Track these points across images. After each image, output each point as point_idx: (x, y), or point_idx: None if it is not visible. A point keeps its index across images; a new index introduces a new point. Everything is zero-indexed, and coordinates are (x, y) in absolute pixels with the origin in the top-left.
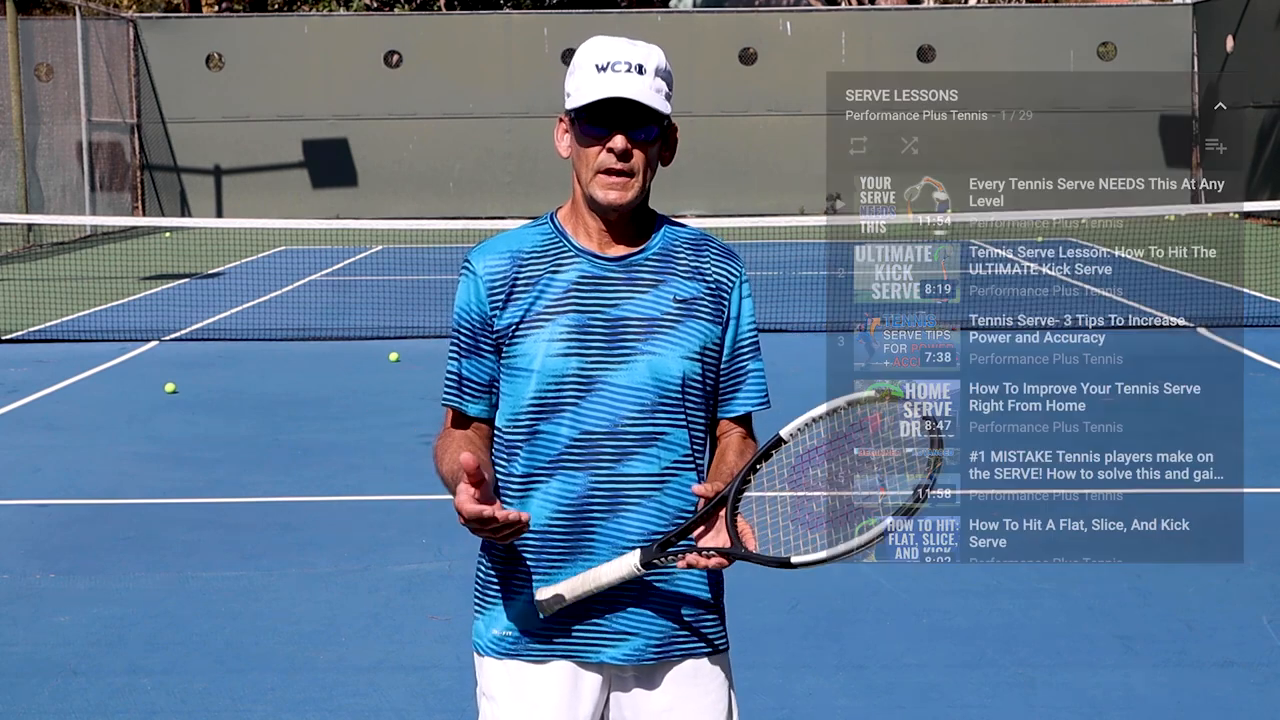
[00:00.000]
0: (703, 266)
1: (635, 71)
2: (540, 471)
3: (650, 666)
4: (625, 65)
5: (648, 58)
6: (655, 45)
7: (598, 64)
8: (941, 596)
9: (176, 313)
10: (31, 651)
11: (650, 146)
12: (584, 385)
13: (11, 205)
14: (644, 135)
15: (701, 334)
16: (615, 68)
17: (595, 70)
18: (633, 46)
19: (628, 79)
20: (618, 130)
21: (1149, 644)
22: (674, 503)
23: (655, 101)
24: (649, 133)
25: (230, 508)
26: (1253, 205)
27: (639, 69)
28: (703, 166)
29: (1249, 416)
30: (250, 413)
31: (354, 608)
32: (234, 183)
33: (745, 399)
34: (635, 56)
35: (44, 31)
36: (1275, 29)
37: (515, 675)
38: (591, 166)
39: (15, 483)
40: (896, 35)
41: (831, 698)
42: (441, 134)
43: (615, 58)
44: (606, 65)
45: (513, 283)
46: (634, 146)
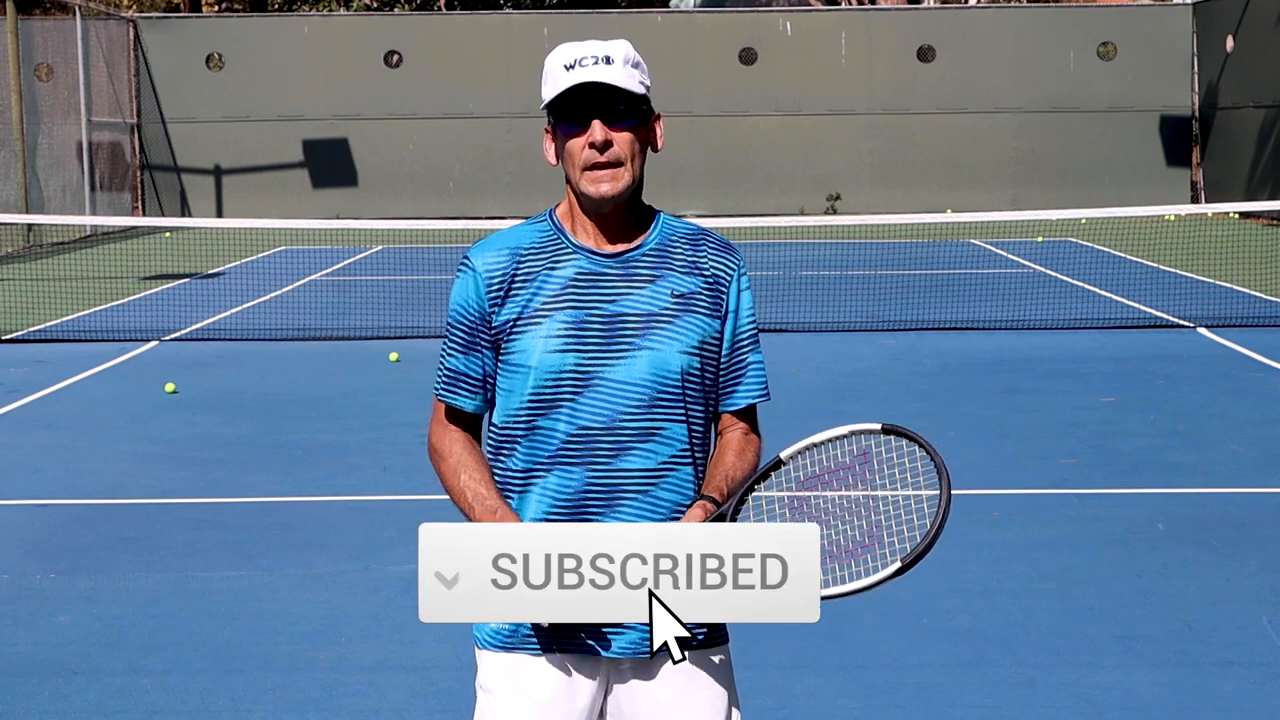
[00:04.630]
0: (700, 261)
1: (603, 62)
2: (538, 467)
3: (647, 659)
4: (592, 59)
5: (614, 50)
6: (623, 39)
7: (565, 63)
8: (941, 596)
9: (176, 313)
10: (31, 651)
11: (632, 133)
12: (581, 381)
13: (11, 205)
14: (624, 123)
15: (700, 328)
16: (582, 63)
17: (564, 69)
18: (599, 42)
19: (596, 69)
20: (595, 119)
21: (1149, 644)
22: (670, 497)
23: (626, 83)
24: (628, 120)
25: (230, 508)
26: (1253, 205)
27: (606, 59)
28: (703, 166)
29: (1249, 416)
30: (250, 413)
31: (354, 608)
32: (234, 183)
33: (746, 391)
34: (601, 50)
35: (44, 31)
36: (1275, 29)
37: (513, 668)
38: (577, 164)
39: (15, 483)
40: (896, 35)
41: (831, 698)
42: (441, 134)
43: (582, 54)
44: (574, 62)
45: (511, 279)
46: (613, 133)
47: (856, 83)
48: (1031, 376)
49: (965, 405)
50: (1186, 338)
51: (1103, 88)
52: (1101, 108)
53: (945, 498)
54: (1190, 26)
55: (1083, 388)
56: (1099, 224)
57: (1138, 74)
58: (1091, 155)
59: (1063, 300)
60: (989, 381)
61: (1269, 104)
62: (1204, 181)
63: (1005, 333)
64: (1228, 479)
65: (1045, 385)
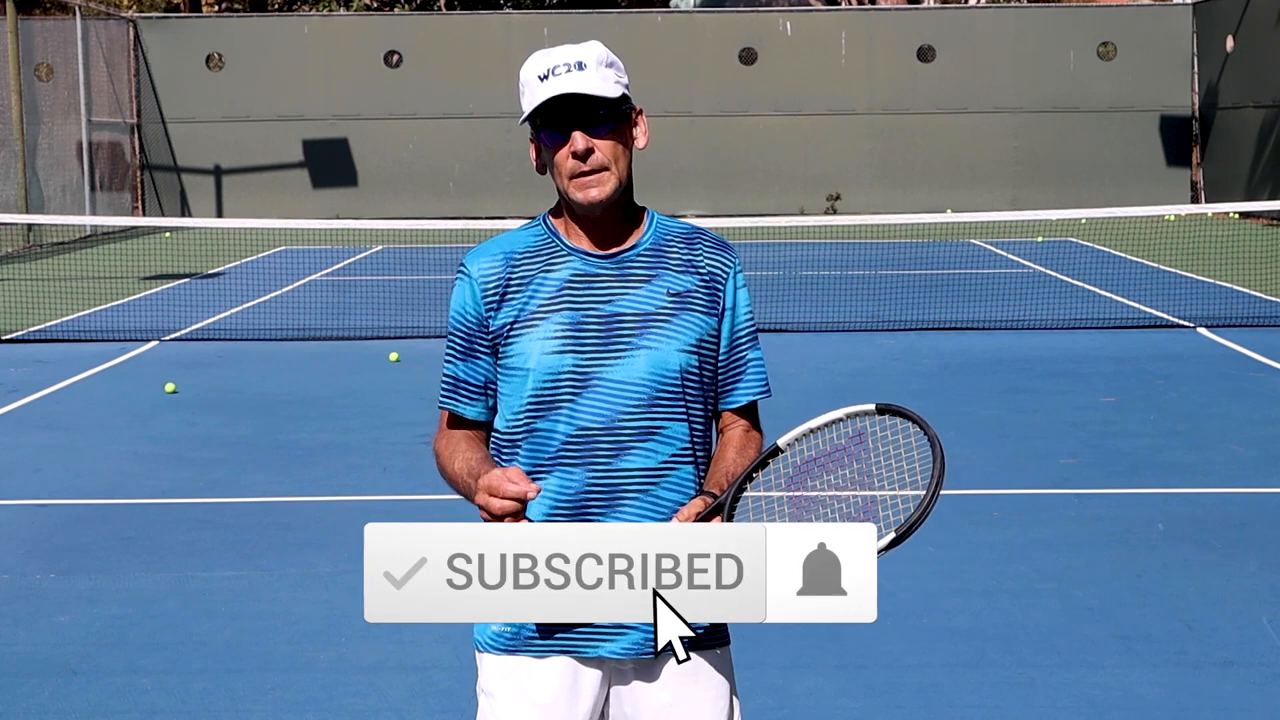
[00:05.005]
0: (696, 259)
1: (576, 69)
2: (539, 469)
3: (649, 660)
4: (565, 66)
5: (586, 54)
6: (594, 40)
7: (539, 74)
8: (941, 596)
9: (176, 313)
10: (31, 651)
11: (613, 136)
12: (580, 381)
13: (11, 205)
14: (603, 128)
15: (698, 326)
16: (555, 71)
17: (538, 81)
18: (570, 48)
19: (569, 78)
20: (575, 129)
21: (1149, 644)
22: (671, 496)
23: (602, 89)
24: (606, 125)
25: (230, 508)
26: (1253, 205)
27: (579, 65)
28: (703, 166)
29: (1249, 416)
30: (250, 413)
31: (354, 608)
32: (234, 183)
33: (746, 388)
34: (573, 56)
35: (44, 31)
36: (1275, 29)
37: (514, 671)
38: (563, 174)
39: (15, 483)
40: (896, 35)
41: (831, 698)
42: (441, 134)
43: (554, 62)
44: (547, 72)
45: (506, 283)
46: (595, 141)
47: (856, 83)
48: (1031, 376)
49: (965, 405)
50: (1186, 338)
51: (1103, 88)
52: (1101, 108)
53: (939, 468)
54: (1190, 26)
55: (1083, 388)
56: (1099, 224)
57: (1138, 74)
58: (1091, 155)
59: (1063, 300)
60: (989, 381)
61: (1269, 104)
62: (1204, 181)
63: (1005, 333)
64: (1228, 479)
65: (1045, 385)
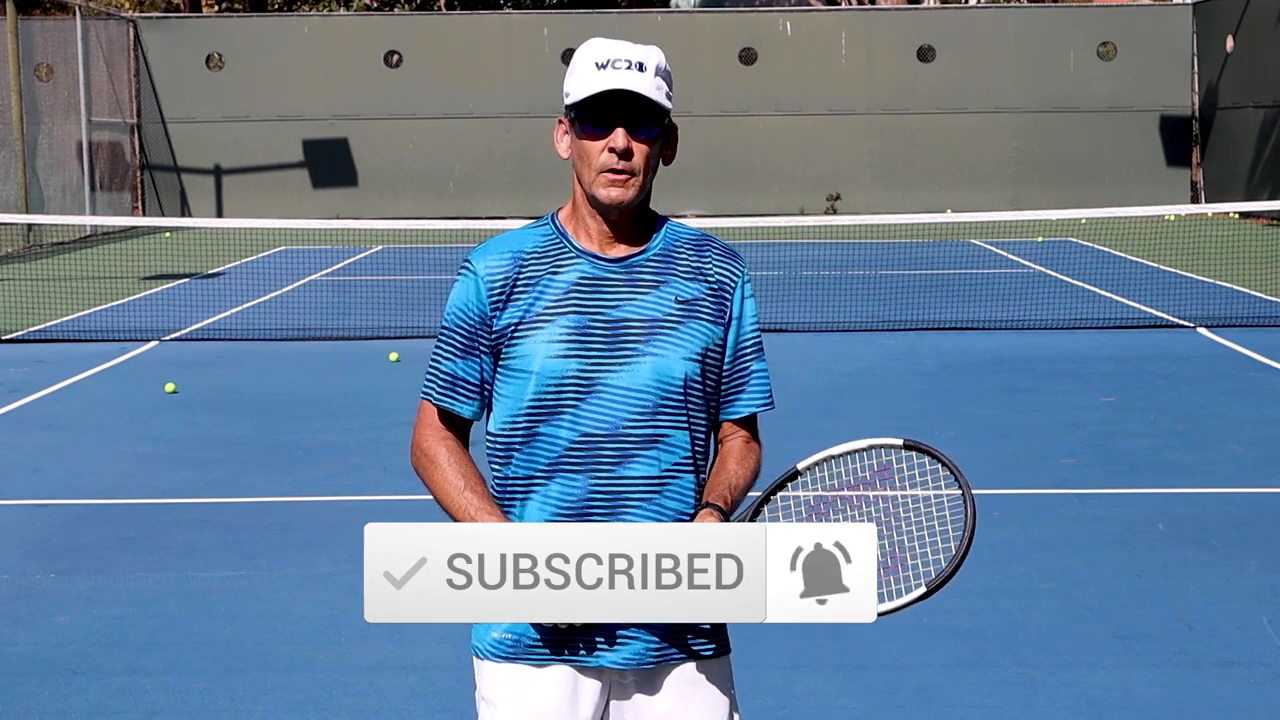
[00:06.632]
0: (704, 267)
1: (636, 69)
2: (539, 475)
3: (650, 670)
4: (626, 63)
5: (647, 56)
6: (655, 46)
7: (597, 62)
8: (942, 596)
9: (176, 313)
10: (31, 651)
11: (652, 145)
12: (584, 387)
13: (11, 205)
14: (646, 133)
15: (704, 335)
16: (615, 64)
17: (595, 68)
18: (633, 46)
19: (628, 75)
20: (620, 126)
21: (1149, 644)
22: (674, 505)
23: (656, 95)
24: (650, 131)
25: (230, 508)
26: (1253, 205)
27: (639, 66)
28: (703, 166)
29: (1249, 416)
30: (250, 413)
31: (354, 608)
32: (234, 183)
33: (749, 400)
34: (635, 55)
35: (44, 31)
36: (1275, 29)
37: (515, 679)
38: (594, 166)
39: (15, 483)
40: (896, 35)
41: (831, 698)
42: (441, 134)
43: (615, 55)
44: (606, 63)
45: (513, 283)
46: (635, 144)
47: (856, 83)
48: (1031, 376)
49: (965, 405)
50: (1186, 338)
51: (1103, 88)
52: (1101, 108)
53: (971, 521)
54: (1190, 26)
55: (1083, 388)
56: (1099, 224)
57: (1138, 74)
58: (1091, 155)
59: (1063, 300)
60: (989, 381)
61: (1269, 104)
62: (1204, 181)
63: (1005, 333)
64: (1228, 479)
65: (1045, 385)
